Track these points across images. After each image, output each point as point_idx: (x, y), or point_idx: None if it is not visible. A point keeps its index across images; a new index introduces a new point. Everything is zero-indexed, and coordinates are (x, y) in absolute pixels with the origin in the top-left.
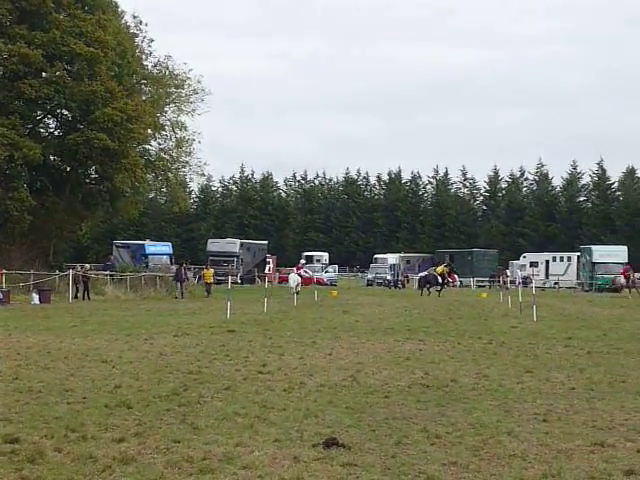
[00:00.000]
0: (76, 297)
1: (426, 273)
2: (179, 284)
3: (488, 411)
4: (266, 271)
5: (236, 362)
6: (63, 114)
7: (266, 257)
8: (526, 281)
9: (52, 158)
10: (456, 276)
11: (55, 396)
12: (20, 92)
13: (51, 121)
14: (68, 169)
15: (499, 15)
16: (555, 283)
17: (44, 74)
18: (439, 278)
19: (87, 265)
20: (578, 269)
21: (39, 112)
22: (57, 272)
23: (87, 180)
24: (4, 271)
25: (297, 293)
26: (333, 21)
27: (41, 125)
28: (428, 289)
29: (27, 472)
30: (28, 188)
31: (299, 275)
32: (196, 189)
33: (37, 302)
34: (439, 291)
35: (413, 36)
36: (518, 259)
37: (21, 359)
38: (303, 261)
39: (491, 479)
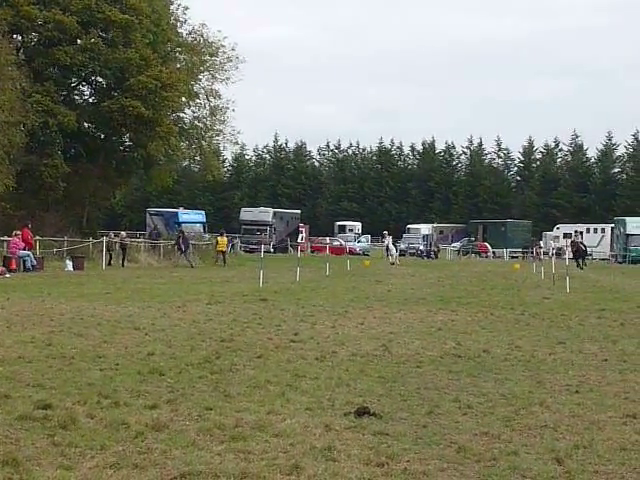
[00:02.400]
0: (109, 264)
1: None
2: (180, 253)
3: (520, 382)
4: (299, 240)
5: (268, 330)
6: (98, 81)
7: (299, 226)
8: (559, 252)
9: (86, 125)
10: (488, 246)
11: (88, 362)
12: (55, 59)
13: (86, 88)
14: (102, 136)
15: None
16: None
17: (79, 41)
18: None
19: (123, 233)
20: (612, 241)
21: (74, 79)
22: (90, 239)
23: (121, 147)
24: (38, 238)
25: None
26: None
27: (76, 92)
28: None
29: (59, 438)
30: (62, 155)
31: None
32: (230, 158)
33: (70, 269)
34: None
35: (448, 4)
36: (552, 230)
37: (54, 325)
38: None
39: (523, 449)
